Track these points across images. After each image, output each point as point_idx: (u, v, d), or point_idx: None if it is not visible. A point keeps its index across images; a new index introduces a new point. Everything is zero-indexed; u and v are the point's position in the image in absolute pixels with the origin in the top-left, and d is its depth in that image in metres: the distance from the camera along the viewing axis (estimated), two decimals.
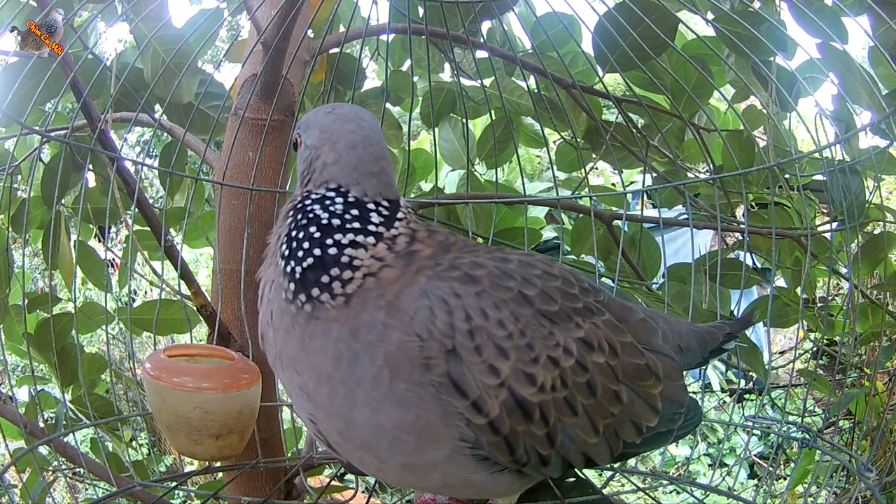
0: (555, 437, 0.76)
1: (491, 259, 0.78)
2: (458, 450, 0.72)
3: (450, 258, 0.76)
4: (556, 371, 0.75)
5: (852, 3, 1.51)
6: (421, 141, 3.56)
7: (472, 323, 0.71)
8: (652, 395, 0.84)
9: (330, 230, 0.75)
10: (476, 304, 0.72)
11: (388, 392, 0.70)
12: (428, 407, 0.70)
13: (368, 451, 0.74)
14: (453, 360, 0.70)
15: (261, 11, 1.45)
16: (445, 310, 0.71)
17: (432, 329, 0.70)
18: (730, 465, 4.25)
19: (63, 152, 1.51)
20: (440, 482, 0.76)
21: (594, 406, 0.78)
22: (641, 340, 0.87)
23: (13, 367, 3.62)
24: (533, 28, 1.71)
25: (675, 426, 0.88)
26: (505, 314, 0.73)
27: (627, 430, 0.82)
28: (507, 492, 0.81)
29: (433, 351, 0.70)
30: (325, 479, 2.63)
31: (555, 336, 0.76)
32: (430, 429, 0.71)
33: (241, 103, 1.57)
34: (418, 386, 0.70)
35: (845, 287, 1.93)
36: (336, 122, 0.81)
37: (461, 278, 0.74)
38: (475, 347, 0.71)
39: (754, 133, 1.75)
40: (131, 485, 1.24)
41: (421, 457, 0.72)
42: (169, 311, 1.63)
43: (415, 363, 0.69)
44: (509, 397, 0.72)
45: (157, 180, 4.03)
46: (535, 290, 0.77)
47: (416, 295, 0.72)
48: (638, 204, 2.37)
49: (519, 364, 0.72)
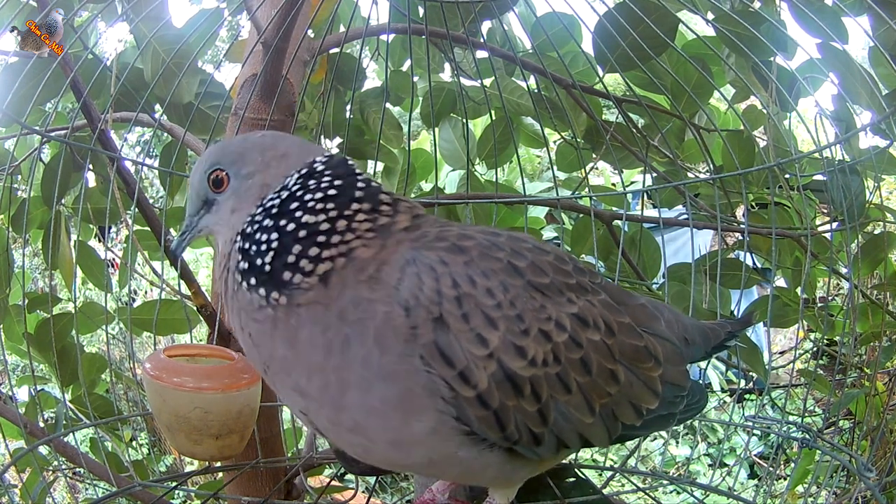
0: (547, 414, 0.74)
1: (479, 232, 0.78)
2: (442, 422, 0.71)
3: (436, 231, 0.76)
4: (547, 345, 0.74)
5: (852, 3, 1.51)
6: (421, 141, 3.56)
7: (460, 290, 0.70)
8: (651, 378, 0.83)
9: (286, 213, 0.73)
10: (464, 272, 0.71)
11: (378, 370, 0.69)
12: (412, 378, 0.69)
13: (358, 433, 0.73)
14: (440, 327, 0.69)
15: (261, 11, 1.45)
16: (433, 276, 0.70)
17: (419, 295, 0.69)
18: (730, 465, 4.25)
19: (63, 152, 1.51)
20: (426, 458, 0.75)
21: (589, 384, 0.77)
22: (640, 323, 0.86)
23: (13, 367, 3.62)
24: (533, 28, 1.71)
25: (676, 409, 0.87)
26: (494, 283, 0.72)
27: (626, 412, 0.81)
28: (498, 474, 0.80)
29: (420, 319, 0.69)
30: (325, 479, 2.63)
31: (547, 309, 0.75)
32: (413, 400, 0.70)
33: (241, 103, 1.57)
34: (405, 358, 0.69)
35: (845, 287, 1.93)
36: (275, 139, 0.82)
37: (449, 248, 0.73)
38: (463, 315, 0.70)
39: (754, 133, 1.75)
40: (131, 485, 1.24)
41: (406, 431, 0.71)
42: (169, 311, 1.63)
43: (401, 334, 0.69)
44: (498, 370, 0.71)
45: (157, 180, 4.03)
46: (526, 262, 0.76)
47: (401, 263, 0.71)
48: (638, 204, 2.38)
49: (508, 335, 0.71)
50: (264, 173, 0.78)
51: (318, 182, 0.75)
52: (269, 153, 0.79)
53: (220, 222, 0.81)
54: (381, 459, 0.79)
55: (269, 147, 0.80)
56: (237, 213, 0.78)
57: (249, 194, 0.78)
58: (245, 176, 0.79)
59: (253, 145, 0.80)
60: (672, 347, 0.88)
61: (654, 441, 4.37)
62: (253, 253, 0.74)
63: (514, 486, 0.88)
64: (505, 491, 0.87)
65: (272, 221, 0.74)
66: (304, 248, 0.71)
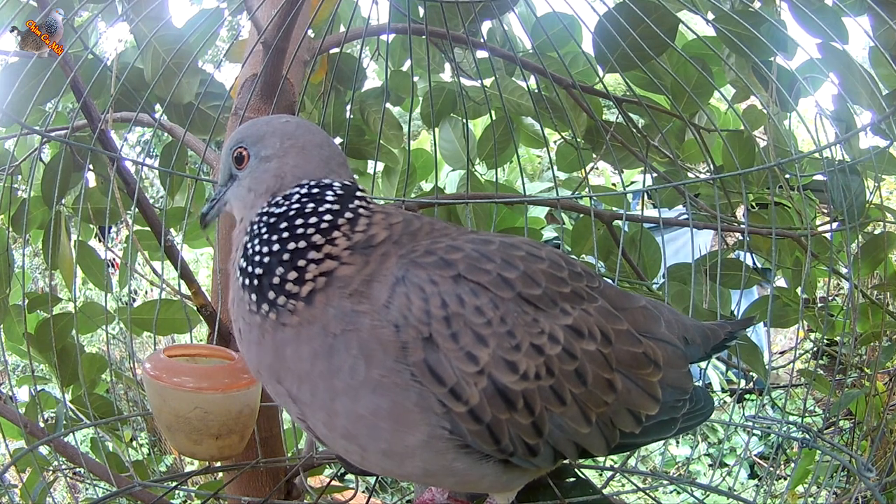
0: (542, 426, 0.75)
1: (469, 242, 0.77)
2: (435, 436, 0.71)
3: (426, 244, 0.76)
4: (540, 359, 0.74)
5: (852, 3, 1.51)
6: (421, 141, 3.56)
7: (449, 310, 0.71)
8: (650, 384, 0.82)
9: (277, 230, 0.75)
10: (452, 291, 0.71)
11: (364, 380, 0.70)
12: (403, 393, 0.70)
13: (351, 440, 0.74)
14: (430, 347, 0.70)
15: (261, 11, 1.45)
16: (421, 297, 0.71)
17: (408, 316, 0.70)
18: (730, 465, 4.25)
19: (63, 152, 1.51)
20: (421, 469, 0.75)
21: (585, 395, 0.77)
22: (641, 328, 0.85)
23: (13, 367, 3.62)
24: (533, 28, 1.71)
25: (678, 414, 0.86)
26: (483, 301, 0.72)
27: (624, 420, 0.80)
28: (495, 483, 0.80)
29: (409, 337, 0.69)
30: (325, 479, 2.63)
31: (539, 323, 0.75)
32: (405, 414, 0.70)
33: (241, 103, 1.57)
34: (393, 372, 0.69)
35: (845, 287, 1.93)
36: (298, 128, 0.83)
37: (436, 263, 0.73)
38: (451, 335, 0.70)
39: (754, 133, 1.75)
40: (131, 485, 1.24)
41: (399, 443, 0.72)
42: (169, 311, 1.63)
43: (389, 349, 0.69)
44: (489, 385, 0.71)
45: (158, 180, 4.03)
46: (517, 273, 0.76)
47: (391, 282, 0.72)
48: (638, 204, 2.38)
49: (499, 351, 0.72)
50: (281, 161, 0.80)
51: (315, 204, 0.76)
52: (289, 142, 0.81)
53: (237, 197, 0.84)
54: (377, 467, 0.80)
55: (289, 135, 0.82)
56: (252, 194, 0.81)
57: (264, 179, 0.81)
58: (263, 158, 0.81)
59: (275, 130, 0.82)
60: (673, 349, 0.88)
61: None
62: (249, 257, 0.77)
63: (513, 490, 0.88)
64: (505, 493, 0.88)
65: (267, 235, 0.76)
66: (285, 270, 0.73)
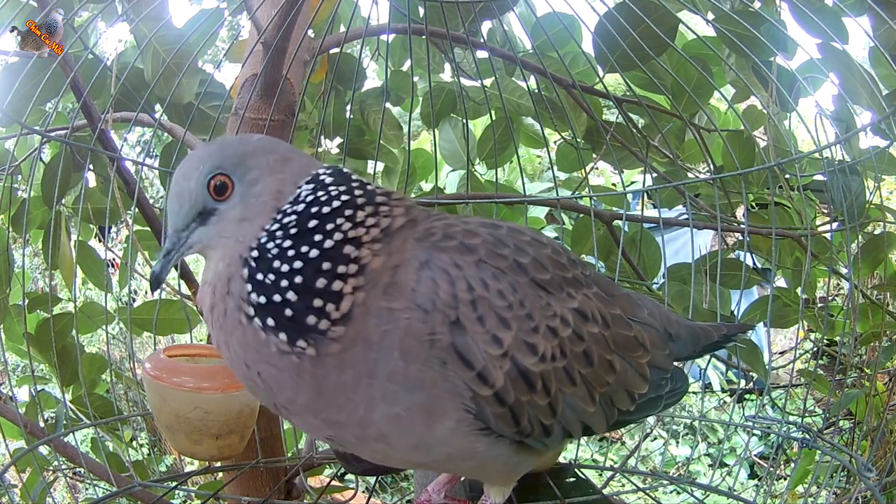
0: (556, 406, 0.77)
1: (482, 226, 0.79)
2: (463, 421, 0.73)
3: (441, 227, 0.76)
4: (555, 341, 0.76)
5: (852, 3, 1.51)
6: (421, 141, 3.55)
7: (475, 293, 0.71)
8: (641, 365, 0.87)
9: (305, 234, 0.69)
10: (476, 275, 0.72)
11: (403, 380, 0.69)
12: (437, 383, 0.70)
13: (381, 441, 0.74)
14: (458, 331, 0.70)
15: (261, 11, 1.45)
16: (447, 280, 0.71)
17: (436, 300, 0.70)
18: (730, 465, 4.24)
19: (63, 152, 1.51)
20: (445, 455, 0.77)
21: (591, 375, 0.80)
22: (627, 313, 0.89)
23: (13, 367, 3.62)
24: (533, 28, 1.71)
25: (662, 392, 0.91)
26: (504, 285, 0.74)
27: (622, 398, 0.85)
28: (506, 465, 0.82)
29: (437, 323, 0.69)
30: (325, 479, 2.62)
31: (552, 306, 0.77)
32: (438, 404, 0.71)
33: (241, 103, 1.57)
34: (427, 363, 0.70)
35: (845, 287, 1.93)
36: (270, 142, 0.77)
37: (458, 248, 0.74)
38: (478, 318, 0.71)
39: (754, 133, 1.75)
40: (131, 485, 1.24)
41: (429, 434, 0.73)
42: (169, 311, 1.63)
43: (423, 339, 0.69)
44: (513, 367, 0.73)
45: (158, 180, 4.03)
46: (528, 259, 0.78)
47: (415, 266, 0.71)
48: (638, 204, 2.37)
49: (520, 334, 0.73)
50: (271, 179, 0.73)
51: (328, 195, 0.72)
52: (272, 157, 0.74)
53: (222, 234, 0.73)
54: (400, 461, 0.81)
55: (270, 150, 0.75)
56: (247, 223, 0.72)
57: (260, 202, 0.72)
58: (250, 182, 0.72)
59: (255, 148, 0.74)
60: (655, 332, 0.92)
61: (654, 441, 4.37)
62: (271, 285, 0.68)
63: (511, 481, 0.90)
64: (502, 488, 0.89)
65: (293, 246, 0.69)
66: (328, 281, 0.68)
